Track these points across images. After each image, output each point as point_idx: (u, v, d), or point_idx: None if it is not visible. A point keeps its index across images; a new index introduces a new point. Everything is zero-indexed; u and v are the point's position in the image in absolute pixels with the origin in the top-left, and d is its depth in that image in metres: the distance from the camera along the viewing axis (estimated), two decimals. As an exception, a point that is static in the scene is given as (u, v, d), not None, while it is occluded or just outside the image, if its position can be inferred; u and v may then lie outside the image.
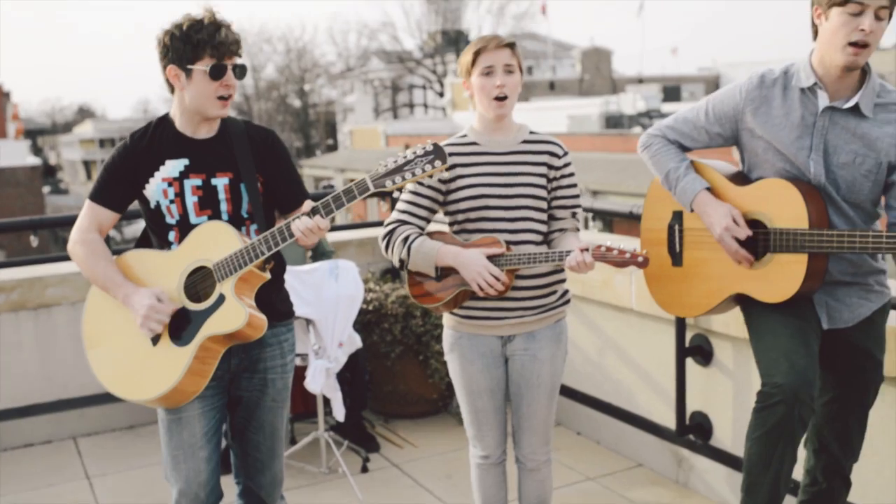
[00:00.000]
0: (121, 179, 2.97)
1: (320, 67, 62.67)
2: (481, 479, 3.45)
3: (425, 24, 61.19)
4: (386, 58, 61.14)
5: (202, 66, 2.83)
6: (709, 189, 3.03)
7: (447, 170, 3.14)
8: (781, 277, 2.85)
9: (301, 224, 2.77)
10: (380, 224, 6.63)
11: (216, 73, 2.84)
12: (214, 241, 2.85)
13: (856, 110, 2.85)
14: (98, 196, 3.00)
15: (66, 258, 5.82)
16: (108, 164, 2.99)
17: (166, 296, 2.87)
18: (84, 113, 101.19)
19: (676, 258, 3.16)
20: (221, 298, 2.82)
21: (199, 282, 2.89)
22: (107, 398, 5.04)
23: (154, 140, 2.97)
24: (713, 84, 48.94)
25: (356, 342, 4.81)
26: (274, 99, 60.47)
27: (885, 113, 2.86)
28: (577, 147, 26.42)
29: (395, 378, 5.43)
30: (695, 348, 4.24)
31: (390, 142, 38.01)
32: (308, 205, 2.80)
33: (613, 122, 32.61)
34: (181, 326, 2.86)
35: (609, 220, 15.69)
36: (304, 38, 62.16)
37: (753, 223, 2.96)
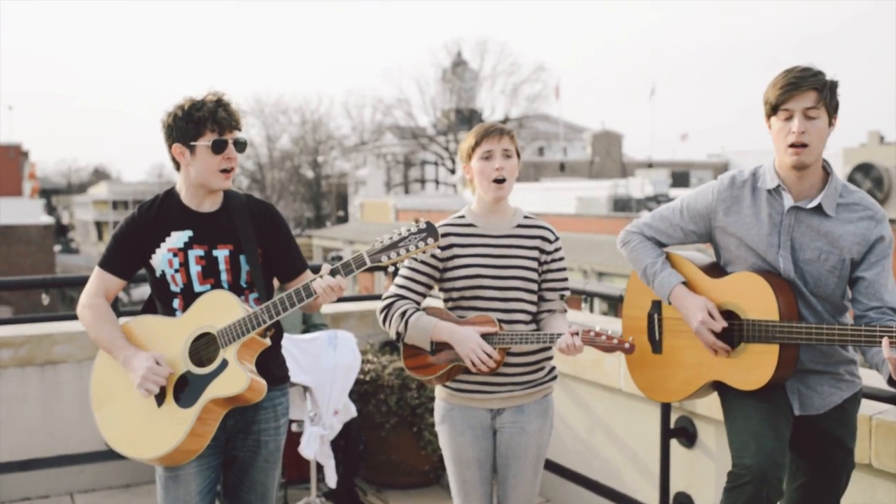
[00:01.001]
0: (129, 249, 3.17)
1: (334, 140, 63.63)
2: (467, 549, 3.54)
3: (440, 102, 62.25)
4: (399, 133, 62.05)
5: (204, 142, 3.05)
6: (684, 283, 3.20)
7: (443, 248, 3.33)
8: (755, 366, 3.01)
9: (324, 282, 2.96)
10: (380, 298, 6.82)
11: (218, 148, 3.05)
12: (218, 308, 3.03)
13: (819, 210, 3.04)
14: (107, 264, 3.20)
15: (75, 317, 6.00)
16: (116, 233, 3.20)
17: (164, 360, 3.04)
18: (99, 174, 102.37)
19: (656, 345, 3.32)
20: (224, 363, 2.99)
21: (204, 347, 3.05)
22: (106, 455, 5.18)
23: (161, 212, 3.17)
24: (722, 170, 49.20)
25: (351, 411, 4.94)
26: (287, 169, 61.27)
27: (847, 212, 3.04)
28: (585, 228, 26.68)
29: (389, 448, 5.53)
30: (679, 430, 4.36)
31: (400, 216, 38.42)
32: (326, 267, 2.99)
33: (622, 205, 32.95)
34: (186, 389, 3.03)
35: (614, 304, 15.81)
36: (320, 111, 63.19)
37: (727, 314, 3.12)
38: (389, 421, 5.45)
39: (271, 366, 3.20)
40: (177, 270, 3.12)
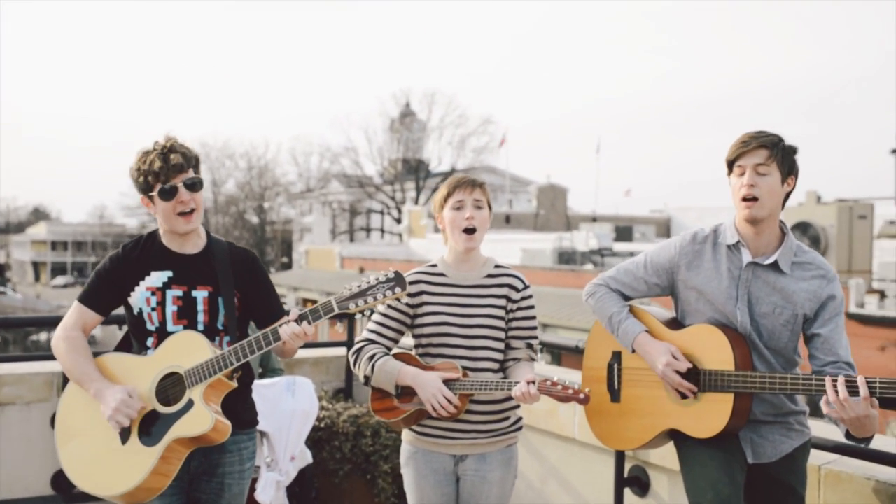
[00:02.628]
0: (110, 285, 3.23)
1: (280, 186, 63.53)
2: None
3: (387, 151, 62.68)
4: (346, 181, 62.22)
5: (156, 192, 3.16)
6: (647, 331, 3.31)
7: (413, 295, 3.41)
8: (710, 415, 3.11)
9: (290, 329, 3.04)
10: (334, 345, 6.85)
11: (165, 195, 3.15)
12: (187, 348, 3.07)
13: (775, 267, 3.20)
14: (87, 299, 3.26)
15: (25, 358, 5.95)
16: (99, 270, 3.26)
17: (137, 394, 3.07)
18: (39, 214, 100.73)
19: (615, 395, 3.42)
20: (190, 403, 3.03)
21: (171, 387, 3.08)
22: (51, 500, 5.08)
23: (144, 252, 3.26)
24: (664, 226, 50.39)
25: (307, 457, 4.94)
26: (232, 214, 60.92)
27: (801, 271, 3.21)
28: (531, 280, 26.64)
29: (342, 495, 5.52)
30: (633, 479, 4.44)
31: (345, 264, 38.37)
32: (295, 312, 3.05)
33: (566, 257, 33.32)
34: (150, 427, 3.06)
35: (557, 353, 15.95)
36: (267, 157, 62.85)
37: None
38: (343, 468, 5.45)
39: (239, 409, 3.23)
40: (153, 309, 3.18)
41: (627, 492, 4.46)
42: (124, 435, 3.07)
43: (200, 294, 3.20)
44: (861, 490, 3.41)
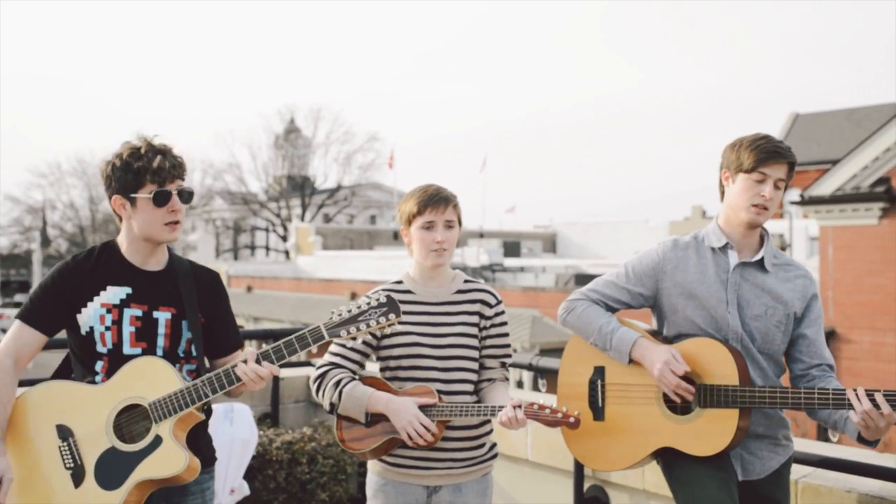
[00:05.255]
0: (58, 300, 2.86)
1: (161, 203, 61.65)
2: None
3: (272, 168, 61.77)
4: (230, 198, 60.99)
5: (145, 194, 2.82)
6: (643, 336, 3.18)
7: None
8: (712, 432, 3.01)
9: (249, 369, 2.76)
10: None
11: (160, 200, 2.83)
12: (151, 377, 2.77)
13: (761, 266, 3.16)
14: (29, 316, 2.88)
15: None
16: (45, 283, 2.89)
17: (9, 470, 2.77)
18: None
19: (598, 412, 3.26)
20: (158, 440, 2.73)
21: (129, 421, 2.78)
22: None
23: (98, 264, 2.90)
24: (550, 241, 51.17)
25: (244, 489, 4.65)
26: (111, 232, 58.77)
27: (783, 272, 3.20)
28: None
29: (288, 518, 5.23)
30: (591, 499, 4.33)
31: (232, 282, 37.49)
32: (249, 352, 2.78)
33: (457, 273, 33.36)
34: (109, 468, 2.74)
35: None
36: (148, 173, 60.82)
37: (682, 379, 3.11)
38: (278, 498, 5.17)
39: (200, 445, 2.95)
40: (108, 328, 2.84)
41: (586, 512, 4.35)
42: (77, 476, 2.75)
43: (163, 315, 2.89)
44: (841, 502, 3.38)
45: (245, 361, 2.78)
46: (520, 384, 18.33)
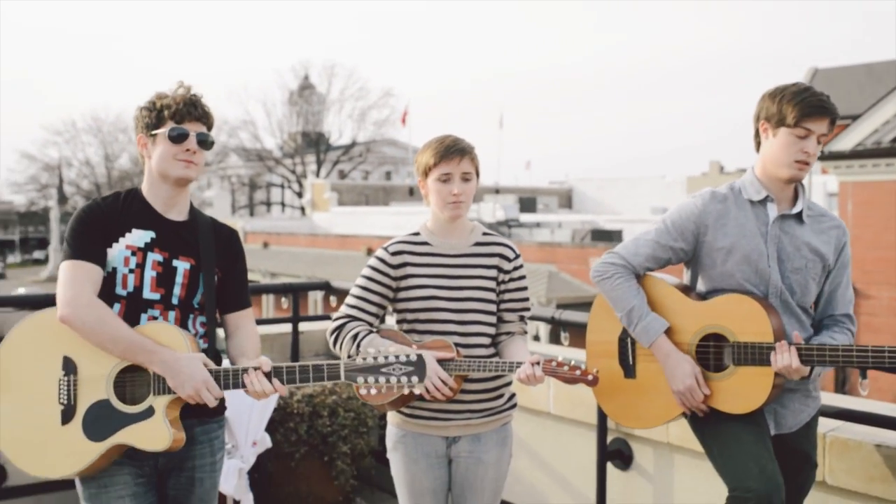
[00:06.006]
0: (94, 234, 2.81)
1: (176, 160, 61.63)
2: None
3: (286, 124, 61.53)
4: (245, 155, 60.90)
5: (164, 130, 2.83)
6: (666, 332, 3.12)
7: (396, 267, 3.17)
8: (748, 389, 2.96)
9: (258, 382, 2.76)
10: (278, 321, 6.55)
11: (176, 136, 2.82)
12: (162, 341, 2.74)
13: (798, 219, 3.10)
14: (83, 253, 2.78)
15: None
16: (80, 219, 2.82)
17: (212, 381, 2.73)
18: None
19: (629, 370, 3.22)
20: (150, 412, 2.72)
21: (132, 382, 2.76)
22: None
23: (125, 206, 2.88)
24: (566, 196, 50.94)
25: (266, 442, 4.66)
26: (127, 189, 58.90)
27: (817, 224, 3.14)
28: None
29: (298, 479, 5.25)
30: (614, 452, 4.31)
31: (249, 238, 37.54)
32: (265, 360, 2.79)
33: (473, 229, 33.25)
34: (97, 419, 2.73)
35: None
36: (162, 130, 60.76)
37: (713, 336, 3.07)
38: (299, 450, 5.18)
39: None
40: (131, 271, 2.82)
41: (609, 466, 4.34)
42: (67, 414, 2.73)
43: (182, 265, 2.87)
44: (869, 457, 3.35)
45: (257, 369, 2.76)
46: (536, 338, 18.34)
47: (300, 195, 55.48)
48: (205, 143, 2.89)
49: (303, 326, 6.13)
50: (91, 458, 2.70)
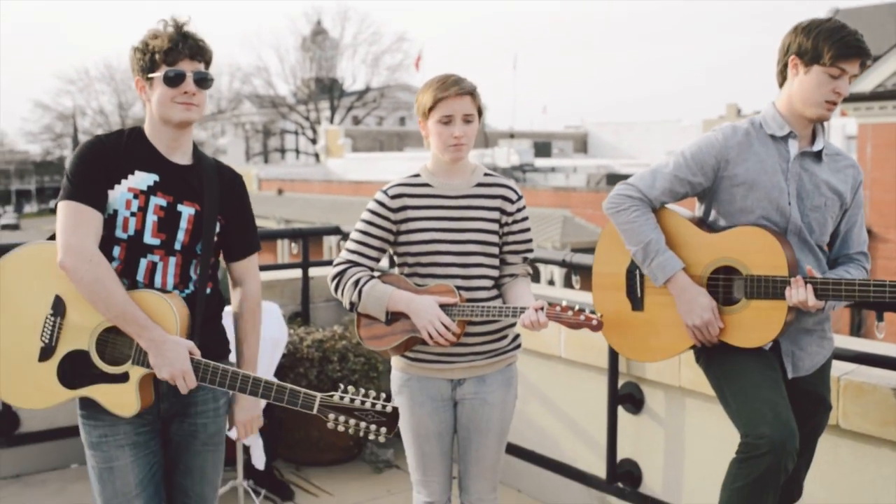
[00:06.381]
0: (97, 174, 2.71)
1: (191, 107, 61.45)
2: (425, 525, 3.36)
3: (299, 70, 61.16)
4: (259, 102, 60.64)
5: (159, 74, 2.72)
6: (684, 269, 3.04)
7: (396, 210, 3.10)
8: (760, 324, 2.90)
9: (244, 412, 2.97)
10: (288, 266, 6.51)
11: (171, 80, 2.71)
12: (153, 313, 2.68)
13: (818, 157, 3.02)
14: (84, 195, 2.68)
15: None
16: (81, 158, 2.72)
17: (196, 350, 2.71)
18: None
19: (637, 303, 3.16)
20: (125, 377, 2.68)
21: (114, 342, 2.71)
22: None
23: (128, 146, 2.78)
24: (581, 141, 50.55)
25: (276, 386, 4.62)
26: (141, 138, 58.84)
27: (834, 163, 3.06)
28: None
29: (308, 424, 5.24)
30: (625, 396, 4.27)
31: (263, 186, 37.52)
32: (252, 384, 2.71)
33: (488, 174, 33.08)
34: (74, 367, 2.70)
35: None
36: (175, 77, 60.49)
37: (726, 269, 3.01)
38: (310, 396, 5.16)
39: (209, 342, 2.88)
40: (133, 214, 2.73)
41: (620, 410, 4.30)
42: (45, 353, 2.69)
43: (187, 210, 2.79)
44: (884, 401, 3.29)
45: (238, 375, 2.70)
46: (551, 282, 18.31)
47: (314, 142, 55.26)
48: (203, 81, 2.77)
49: (314, 272, 6.08)
50: (58, 401, 2.69)
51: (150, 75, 2.73)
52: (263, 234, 9.19)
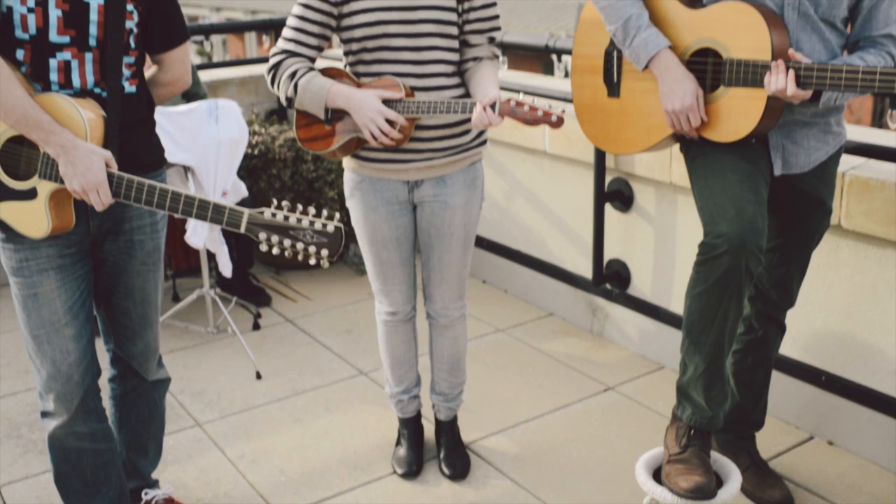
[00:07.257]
0: None
1: None
2: (388, 336, 3.17)
3: None
4: None
5: None
6: (670, 47, 2.60)
7: None
8: (736, 115, 2.50)
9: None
10: (260, 61, 6.05)
11: None
12: (59, 120, 2.31)
13: None
14: None
15: None
16: None
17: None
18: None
19: (613, 88, 2.76)
20: (32, 193, 2.35)
21: (17, 153, 2.38)
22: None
23: None
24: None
25: (241, 190, 4.33)
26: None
27: None
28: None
29: (286, 227, 5.00)
30: (614, 193, 3.94)
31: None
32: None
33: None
34: None
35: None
36: None
37: (706, 52, 2.58)
38: (285, 197, 4.88)
39: (140, 150, 2.54)
40: (31, 10, 2.32)
41: (607, 207, 3.99)
42: None
43: (95, 0, 2.38)
44: (892, 198, 2.91)
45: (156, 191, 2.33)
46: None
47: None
48: None
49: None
50: None
51: None
52: (231, 26, 8.67)
